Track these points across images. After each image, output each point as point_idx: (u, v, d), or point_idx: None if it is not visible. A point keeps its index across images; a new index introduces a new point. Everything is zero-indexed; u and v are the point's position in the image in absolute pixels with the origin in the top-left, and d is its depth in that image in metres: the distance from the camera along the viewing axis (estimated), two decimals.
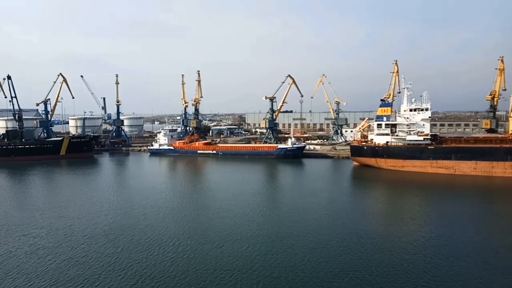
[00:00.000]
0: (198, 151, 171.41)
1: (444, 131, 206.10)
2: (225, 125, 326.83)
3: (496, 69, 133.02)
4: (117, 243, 55.68)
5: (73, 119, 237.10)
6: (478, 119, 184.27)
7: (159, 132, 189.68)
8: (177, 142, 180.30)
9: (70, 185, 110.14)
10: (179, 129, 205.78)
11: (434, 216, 70.56)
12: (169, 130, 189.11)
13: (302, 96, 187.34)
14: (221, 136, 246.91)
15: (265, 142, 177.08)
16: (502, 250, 51.67)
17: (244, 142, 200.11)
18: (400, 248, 52.32)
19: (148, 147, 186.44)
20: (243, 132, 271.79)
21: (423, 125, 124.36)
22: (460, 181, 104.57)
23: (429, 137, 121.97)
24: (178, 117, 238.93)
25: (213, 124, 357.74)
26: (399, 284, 41.63)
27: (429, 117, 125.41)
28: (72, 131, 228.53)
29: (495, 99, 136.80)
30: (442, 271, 44.68)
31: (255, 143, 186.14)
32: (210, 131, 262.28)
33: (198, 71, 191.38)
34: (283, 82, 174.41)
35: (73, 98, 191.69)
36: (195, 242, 55.72)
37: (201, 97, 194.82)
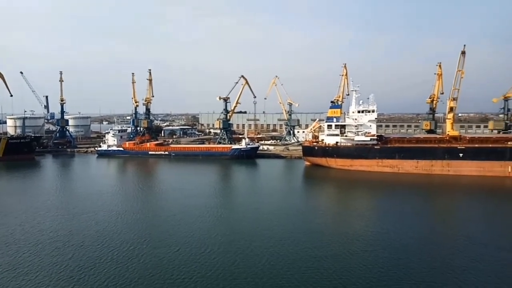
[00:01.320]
0: (150, 152, 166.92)
1: (389, 132, 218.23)
2: (178, 125, 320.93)
3: (435, 74, 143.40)
4: (65, 250, 52.76)
5: (11, 118, 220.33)
6: (419, 121, 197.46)
7: (108, 133, 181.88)
8: (127, 143, 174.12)
9: (10, 189, 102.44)
10: (129, 130, 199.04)
11: (381, 212, 74.74)
12: (119, 130, 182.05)
13: (255, 97, 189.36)
14: (174, 136, 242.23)
15: (219, 143, 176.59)
16: (444, 242, 56.00)
17: (197, 142, 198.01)
18: (351, 243, 54.92)
19: (96, 148, 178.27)
20: (197, 133, 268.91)
21: (370, 126, 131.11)
22: (404, 179, 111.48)
23: (375, 137, 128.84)
24: (128, 117, 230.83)
25: (165, 124, 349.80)
26: (352, 277, 43.74)
27: (375, 118, 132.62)
28: (11, 131, 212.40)
29: (434, 102, 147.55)
30: (390, 264, 47.54)
31: (209, 143, 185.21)
32: (162, 132, 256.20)
33: (150, 69, 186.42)
34: (237, 83, 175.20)
35: (11, 96, 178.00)
36: (150, 246, 54.35)
37: (153, 96, 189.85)
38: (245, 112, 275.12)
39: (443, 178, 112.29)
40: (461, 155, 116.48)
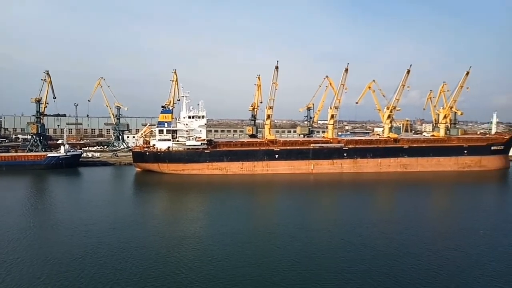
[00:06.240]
0: None
1: (218, 136, 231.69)
2: None
3: (255, 85, 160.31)
4: None
5: None
6: (244, 126, 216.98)
7: None
8: None
9: None
10: None
11: (212, 213, 78.88)
12: None
13: (55, 98, 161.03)
14: None
15: (31, 150, 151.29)
16: (271, 231, 63.23)
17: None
18: (185, 246, 56.03)
19: None
20: None
21: (200, 131, 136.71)
22: (231, 180, 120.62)
23: (206, 142, 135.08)
24: None
25: None
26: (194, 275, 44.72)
27: (205, 123, 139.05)
28: None
29: (255, 109, 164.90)
30: (225, 256, 50.88)
31: (16, 151, 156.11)
32: None
33: None
34: (44, 80, 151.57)
35: None
36: None
37: None
38: (64, 115, 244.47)
39: (264, 176, 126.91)
40: (277, 156, 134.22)
